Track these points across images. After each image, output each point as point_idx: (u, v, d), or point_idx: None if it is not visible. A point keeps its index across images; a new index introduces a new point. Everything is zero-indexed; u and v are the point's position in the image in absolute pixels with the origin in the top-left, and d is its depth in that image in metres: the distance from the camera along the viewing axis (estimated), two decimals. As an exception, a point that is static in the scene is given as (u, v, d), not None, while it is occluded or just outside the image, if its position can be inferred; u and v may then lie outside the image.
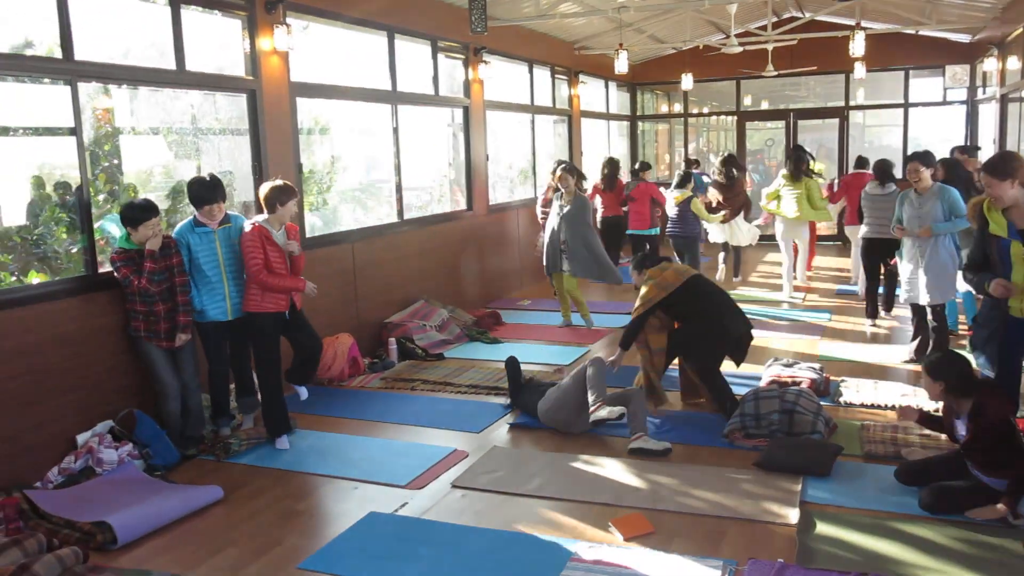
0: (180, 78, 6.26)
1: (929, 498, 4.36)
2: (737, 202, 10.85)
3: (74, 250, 5.78)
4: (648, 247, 10.17)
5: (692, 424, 5.86)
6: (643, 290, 5.93)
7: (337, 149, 9.91)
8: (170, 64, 6.16)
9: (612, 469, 5.08)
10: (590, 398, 5.58)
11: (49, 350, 5.12)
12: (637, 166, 11.23)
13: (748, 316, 6.15)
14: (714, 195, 10.92)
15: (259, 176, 6.88)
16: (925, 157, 6.70)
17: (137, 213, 5.28)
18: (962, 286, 6.98)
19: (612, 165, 11.14)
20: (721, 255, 11.73)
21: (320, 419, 6.20)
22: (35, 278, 5.71)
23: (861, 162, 10.46)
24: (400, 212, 8.93)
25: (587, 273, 8.67)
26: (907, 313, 7.47)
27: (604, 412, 5.43)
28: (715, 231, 11.02)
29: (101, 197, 6.23)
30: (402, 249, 8.73)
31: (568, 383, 5.80)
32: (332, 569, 4.01)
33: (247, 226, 5.55)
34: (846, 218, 10.43)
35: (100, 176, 6.09)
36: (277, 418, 5.67)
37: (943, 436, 4.81)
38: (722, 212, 10.66)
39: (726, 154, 11.25)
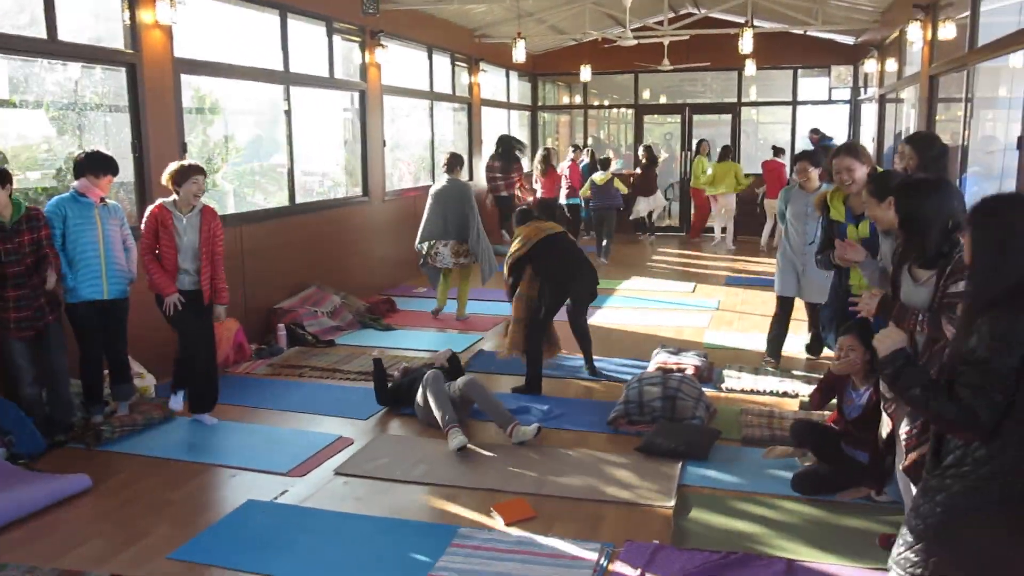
0: (52, 48, 5.93)
1: (799, 481, 4.54)
2: (654, 179, 14.18)
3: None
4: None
5: (578, 410, 5.93)
6: (514, 242, 6.37)
7: (229, 130, 9.61)
8: (40, 32, 5.82)
9: (498, 455, 5.09)
10: (499, 422, 5.40)
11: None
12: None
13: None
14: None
15: (139, 155, 6.61)
16: (814, 156, 6.81)
17: None
18: None
19: (548, 154, 13.38)
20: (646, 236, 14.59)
21: (201, 407, 6.01)
22: None
23: (777, 151, 13.56)
24: (292, 196, 8.72)
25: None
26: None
27: (457, 439, 5.14)
28: (643, 203, 14.19)
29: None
30: (294, 234, 8.53)
31: (422, 399, 5.56)
32: (204, 559, 3.90)
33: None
34: (767, 194, 13.20)
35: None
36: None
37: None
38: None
39: (648, 143, 14.74)
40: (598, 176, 12.36)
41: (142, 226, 5.50)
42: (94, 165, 5.39)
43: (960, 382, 2.28)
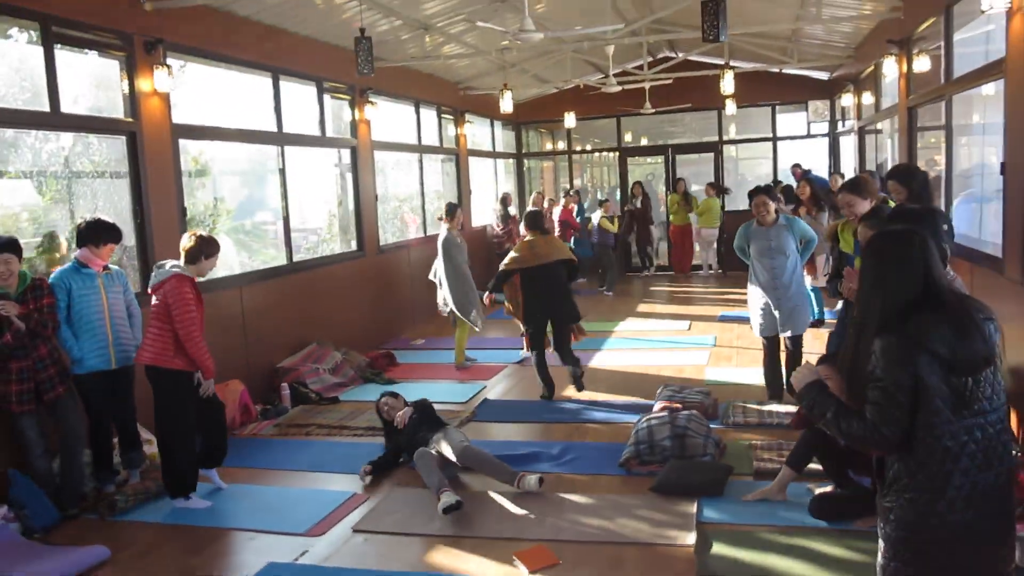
0: (55, 120, 6.03)
1: (817, 507, 4.60)
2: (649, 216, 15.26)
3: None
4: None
5: (588, 453, 5.96)
6: (513, 252, 7.50)
7: (219, 191, 9.71)
8: (44, 106, 5.92)
9: (513, 503, 5.11)
10: (500, 478, 5.39)
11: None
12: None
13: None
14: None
15: (140, 221, 6.68)
16: (771, 191, 6.85)
17: None
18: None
19: (505, 198, 14.09)
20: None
21: (212, 469, 6.00)
22: None
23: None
24: (289, 254, 8.80)
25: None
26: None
27: (444, 500, 5.01)
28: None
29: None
30: (292, 292, 8.59)
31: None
32: (231, 624, 3.88)
33: (172, 276, 5.18)
34: None
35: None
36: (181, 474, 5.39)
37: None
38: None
39: (641, 184, 15.36)
40: (597, 217, 13.64)
41: (178, 298, 5.13)
42: (96, 234, 5.42)
43: (867, 400, 2.47)
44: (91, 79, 6.98)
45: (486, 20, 9.28)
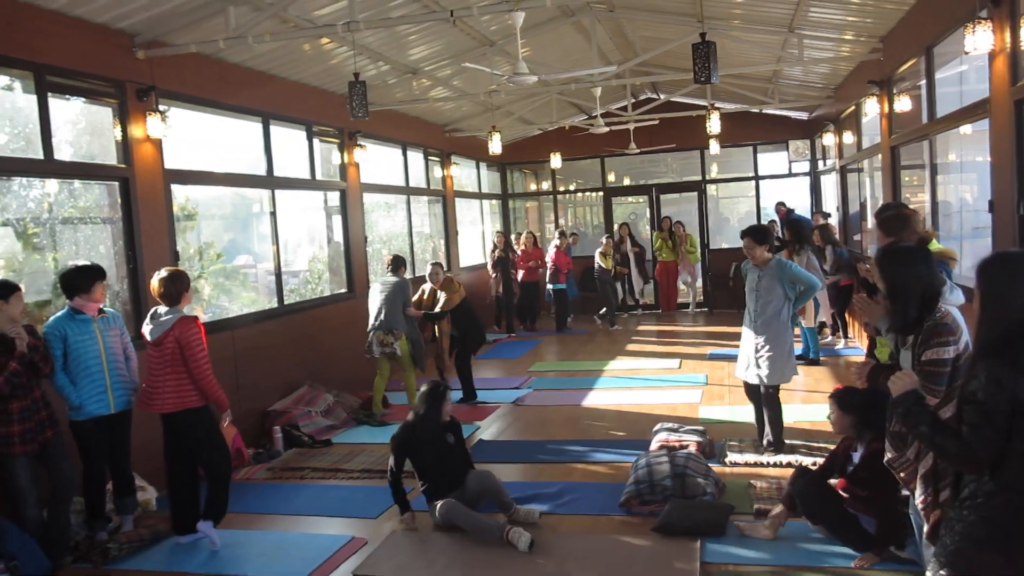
0: (48, 167, 6.03)
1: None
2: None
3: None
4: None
5: (587, 494, 5.93)
6: (444, 297, 8.75)
7: (205, 235, 9.71)
8: (37, 153, 5.93)
9: (516, 547, 5.05)
10: (503, 508, 5.42)
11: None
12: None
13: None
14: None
15: (133, 265, 6.66)
16: (758, 233, 6.48)
17: (3, 288, 4.96)
18: None
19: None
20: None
21: (206, 516, 5.91)
22: None
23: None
24: (280, 297, 8.78)
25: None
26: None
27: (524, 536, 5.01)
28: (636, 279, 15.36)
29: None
30: (283, 334, 8.55)
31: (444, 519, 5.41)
32: (235, 675, 3.81)
33: (178, 321, 5.22)
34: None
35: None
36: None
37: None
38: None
39: (627, 224, 15.55)
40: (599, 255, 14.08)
41: (191, 339, 5.20)
42: (83, 278, 5.35)
43: (963, 420, 2.57)
44: (84, 126, 7.00)
45: (473, 63, 9.42)
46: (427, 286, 9.05)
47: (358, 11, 6.64)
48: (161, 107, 6.93)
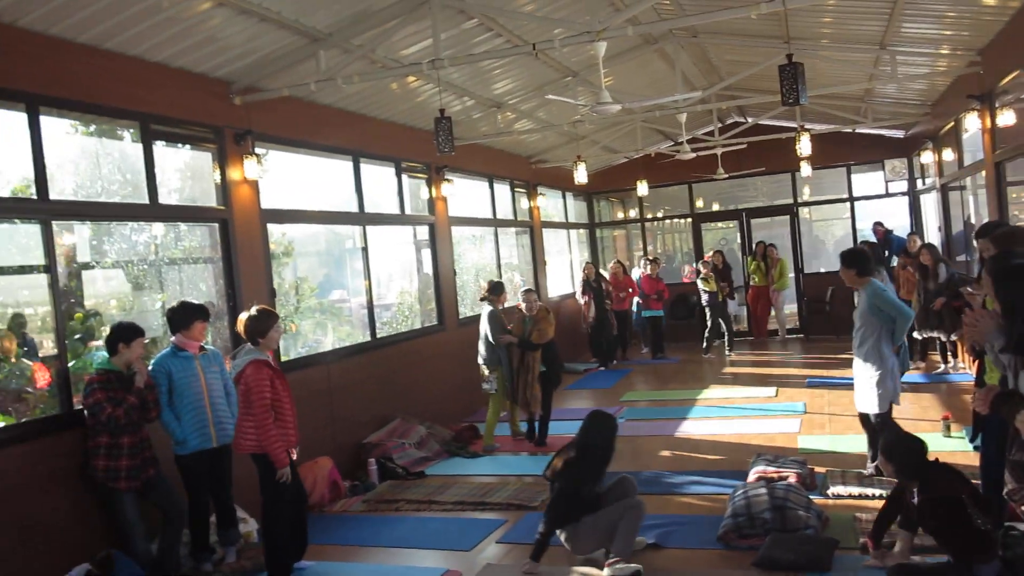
0: (153, 212, 6.32)
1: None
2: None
3: (29, 390, 5.66)
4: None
5: (683, 527, 5.79)
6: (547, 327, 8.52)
7: (300, 270, 9.99)
8: (143, 198, 6.22)
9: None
10: (613, 549, 5.10)
11: (21, 493, 4.94)
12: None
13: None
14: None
15: (232, 303, 6.88)
16: (844, 257, 6.31)
17: (127, 332, 5.21)
18: None
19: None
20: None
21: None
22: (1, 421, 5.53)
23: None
24: (373, 331, 8.94)
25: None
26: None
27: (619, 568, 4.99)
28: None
29: (76, 336, 6.12)
30: (376, 368, 8.70)
31: (604, 516, 5.20)
32: None
33: (248, 365, 5.21)
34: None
35: (77, 315, 6.01)
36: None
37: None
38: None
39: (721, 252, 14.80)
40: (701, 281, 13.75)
41: (251, 384, 5.15)
42: (183, 317, 5.59)
43: None
44: (185, 171, 7.33)
45: (556, 95, 9.48)
46: (520, 314, 8.79)
47: (443, 49, 6.78)
48: (257, 150, 7.20)
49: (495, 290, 8.84)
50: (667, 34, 9.60)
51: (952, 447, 6.94)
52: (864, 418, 6.48)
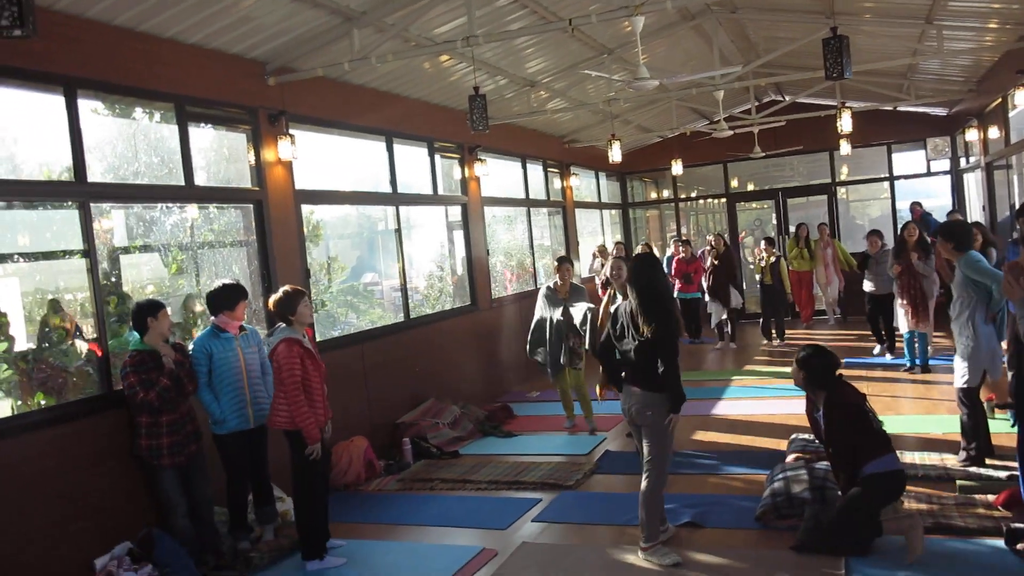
0: (189, 193, 6.36)
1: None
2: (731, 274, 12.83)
3: (89, 370, 5.74)
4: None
5: (723, 507, 5.74)
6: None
7: (331, 251, 10.03)
8: (179, 180, 6.26)
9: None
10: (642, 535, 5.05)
11: (63, 473, 5.02)
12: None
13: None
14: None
15: (267, 284, 6.92)
16: (947, 232, 6.19)
17: (150, 307, 5.23)
18: None
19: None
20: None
21: (340, 525, 6.01)
22: (42, 400, 5.61)
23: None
24: (406, 311, 8.95)
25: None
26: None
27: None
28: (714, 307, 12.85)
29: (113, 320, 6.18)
30: (410, 348, 8.71)
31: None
32: None
33: (280, 343, 5.25)
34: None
35: (111, 300, 6.07)
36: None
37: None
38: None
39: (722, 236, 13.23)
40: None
41: (282, 362, 5.20)
42: (228, 298, 5.62)
43: None
44: (220, 152, 7.36)
45: (592, 72, 9.38)
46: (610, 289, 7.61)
47: (477, 26, 6.71)
48: (291, 130, 7.20)
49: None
50: (705, 9, 9.43)
51: (995, 428, 6.78)
52: (964, 395, 6.17)
